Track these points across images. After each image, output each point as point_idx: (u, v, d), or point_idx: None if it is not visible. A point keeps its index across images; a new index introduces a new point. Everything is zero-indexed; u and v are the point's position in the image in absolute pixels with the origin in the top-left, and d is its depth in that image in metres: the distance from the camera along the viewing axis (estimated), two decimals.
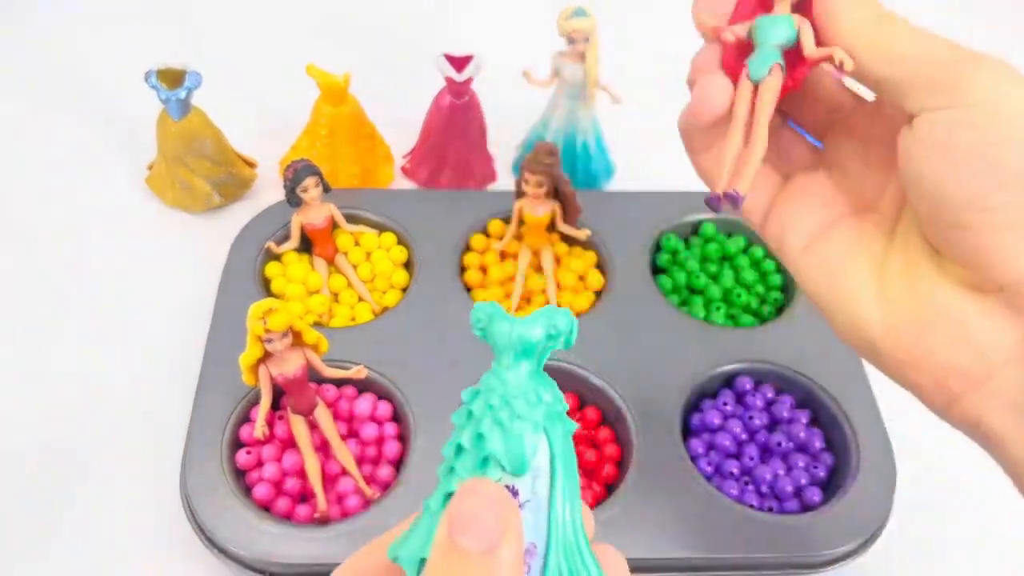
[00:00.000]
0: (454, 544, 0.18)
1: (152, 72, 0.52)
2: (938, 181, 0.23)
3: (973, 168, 0.23)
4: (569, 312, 0.20)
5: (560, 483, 0.20)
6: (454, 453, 0.20)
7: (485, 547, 0.17)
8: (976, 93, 0.23)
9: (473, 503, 0.18)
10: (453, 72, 0.54)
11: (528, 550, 0.19)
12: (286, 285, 0.51)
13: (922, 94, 0.24)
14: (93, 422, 0.47)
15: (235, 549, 0.39)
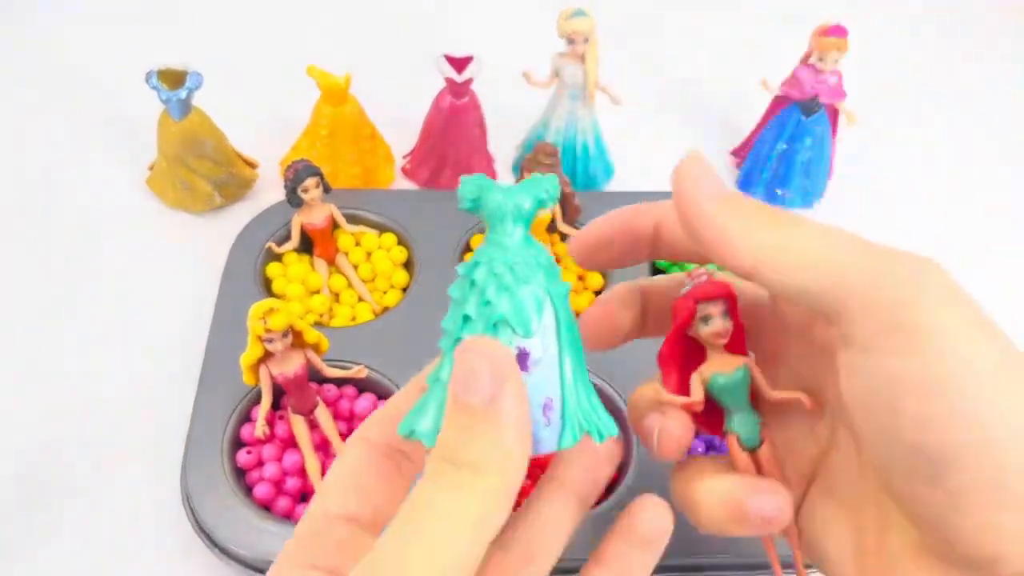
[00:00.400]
0: (458, 401, 0.18)
1: (153, 72, 0.52)
2: (880, 444, 0.19)
3: (923, 445, 0.18)
4: (553, 177, 0.21)
5: (565, 339, 0.21)
6: (460, 323, 0.20)
7: (487, 398, 0.18)
8: (916, 334, 0.18)
9: (470, 359, 0.18)
10: (453, 73, 0.54)
11: (547, 404, 0.20)
12: (287, 285, 0.51)
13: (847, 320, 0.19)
14: (94, 421, 0.47)
15: (235, 548, 0.39)
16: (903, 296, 0.18)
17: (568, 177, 0.51)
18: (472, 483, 0.18)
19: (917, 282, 0.18)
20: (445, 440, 0.18)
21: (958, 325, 0.18)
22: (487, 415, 0.18)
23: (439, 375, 0.21)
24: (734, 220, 0.20)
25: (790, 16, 0.80)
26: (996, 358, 0.18)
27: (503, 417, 0.18)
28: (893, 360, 0.18)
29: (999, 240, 0.62)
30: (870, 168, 0.66)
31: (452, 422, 0.18)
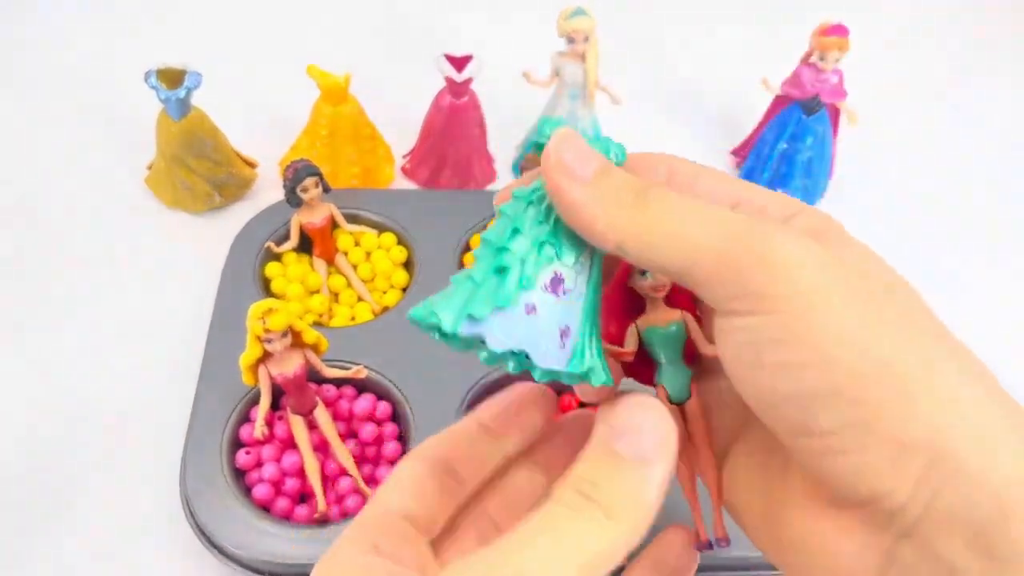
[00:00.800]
0: (612, 451, 0.19)
1: (152, 72, 0.52)
2: (756, 401, 0.20)
3: (786, 394, 0.19)
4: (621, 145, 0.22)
5: (592, 289, 0.21)
6: (508, 235, 0.21)
7: (644, 458, 0.19)
8: (773, 294, 0.18)
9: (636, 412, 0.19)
10: (453, 72, 0.54)
11: (565, 330, 0.21)
12: (286, 285, 0.51)
13: (712, 290, 0.19)
14: (93, 421, 0.47)
15: (234, 549, 0.39)
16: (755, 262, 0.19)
17: None
18: (602, 526, 0.18)
19: (767, 244, 0.19)
20: (584, 476, 0.19)
21: (810, 277, 0.18)
22: (639, 471, 0.19)
23: (471, 275, 0.21)
24: (598, 205, 0.20)
25: (790, 16, 0.80)
26: (852, 293, 0.18)
27: (653, 479, 0.19)
28: (755, 319, 0.19)
29: (999, 238, 0.61)
30: (871, 167, 0.66)
31: (598, 462, 0.19)
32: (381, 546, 0.21)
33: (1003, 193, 0.65)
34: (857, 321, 0.18)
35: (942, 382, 0.18)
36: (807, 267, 0.18)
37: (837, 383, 0.18)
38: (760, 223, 0.19)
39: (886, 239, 0.20)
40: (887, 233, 0.56)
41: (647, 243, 0.20)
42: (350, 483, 0.43)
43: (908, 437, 0.18)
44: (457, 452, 0.23)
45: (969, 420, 0.18)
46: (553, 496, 0.19)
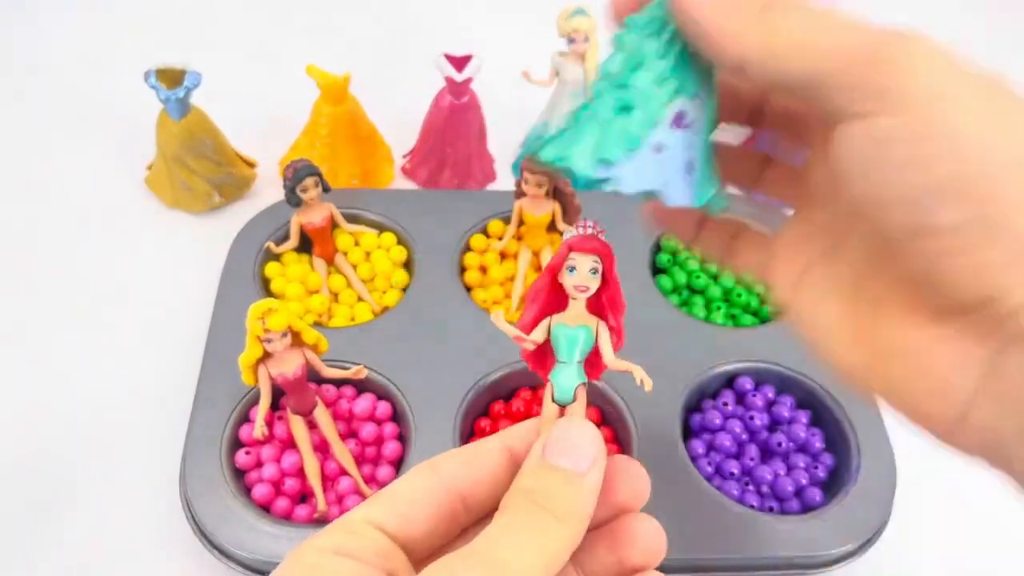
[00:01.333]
0: (553, 465, 0.21)
1: (151, 72, 0.52)
2: (876, 204, 0.20)
3: (912, 189, 0.19)
4: None
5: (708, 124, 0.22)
6: (629, 68, 0.21)
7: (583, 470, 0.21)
8: (904, 93, 0.19)
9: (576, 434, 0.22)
10: (453, 72, 0.54)
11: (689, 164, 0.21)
12: (286, 285, 0.51)
13: (839, 95, 0.20)
14: (92, 421, 0.47)
15: (234, 549, 0.39)
16: (886, 64, 0.19)
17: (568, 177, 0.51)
18: (555, 528, 0.20)
19: (899, 50, 0.19)
20: (532, 486, 0.21)
21: (942, 78, 0.19)
22: (576, 481, 0.21)
23: (595, 112, 0.21)
24: (724, 17, 0.20)
25: None
26: (983, 98, 0.19)
27: (588, 488, 0.21)
28: (883, 119, 0.19)
29: None
30: None
31: (542, 475, 0.21)
32: (344, 550, 0.20)
33: None
34: (989, 121, 0.18)
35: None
36: (938, 69, 0.19)
37: (967, 177, 0.18)
38: (890, 30, 0.19)
39: None
40: None
41: (772, 53, 0.20)
42: (350, 483, 0.43)
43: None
44: (474, 479, 0.23)
45: None
46: (509, 506, 0.21)
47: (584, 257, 0.24)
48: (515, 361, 0.47)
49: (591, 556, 0.23)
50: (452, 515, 0.22)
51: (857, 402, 0.46)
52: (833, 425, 0.46)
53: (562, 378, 0.24)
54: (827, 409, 0.46)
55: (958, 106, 0.18)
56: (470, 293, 0.52)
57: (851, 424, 0.45)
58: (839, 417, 0.45)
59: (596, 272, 0.24)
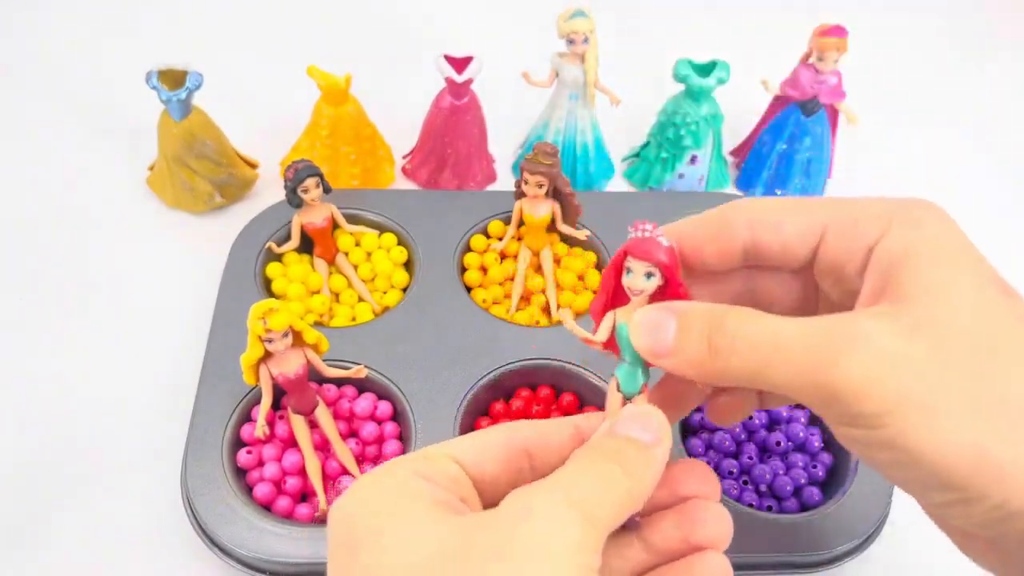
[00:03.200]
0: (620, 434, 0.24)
1: (153, 73, 0.52)
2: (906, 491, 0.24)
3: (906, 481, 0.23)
4: None
5: None
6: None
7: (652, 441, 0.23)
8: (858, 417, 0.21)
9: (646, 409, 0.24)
10: (453, 73, 0.54)
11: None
12: (287, 285, 0.51)
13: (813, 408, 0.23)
14: (94, 421, 0.47)
15: (236, 548, 0.39)
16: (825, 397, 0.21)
17: (568, 177, 0.51)
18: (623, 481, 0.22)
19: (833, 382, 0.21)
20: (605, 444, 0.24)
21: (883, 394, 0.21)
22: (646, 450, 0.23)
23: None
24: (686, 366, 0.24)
25: (791, 15, 0.80)
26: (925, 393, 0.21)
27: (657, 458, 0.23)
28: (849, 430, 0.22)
29: (999, 239, 0.61)
30: (869, 168, 0.66)
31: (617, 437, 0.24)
32: (425, 474, 0.23)
33: (1002, 193, 0.65)
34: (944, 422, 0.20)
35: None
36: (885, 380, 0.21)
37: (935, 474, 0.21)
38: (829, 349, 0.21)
39: None
40: None
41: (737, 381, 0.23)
42: (351, 482, 0.43)
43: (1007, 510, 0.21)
44: (544, 443, 0.25)
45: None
46: (583, 454, 0.23)
47: (639, 263, 0.24)
48: (515, 361, 0.47)
49: (657, 530, 0.25)
50: (518, 469, 0.25)
51: None
52: None
53: (626, 374, 0.25)
54: None
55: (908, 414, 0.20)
56: (470, 293, 0.52)
57: None
58: None
59: (651, 276, 0.24)
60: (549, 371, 0.47)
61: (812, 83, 0.56)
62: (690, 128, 0.58)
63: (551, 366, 0.47)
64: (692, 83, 0.56)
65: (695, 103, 0.57)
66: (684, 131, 0.58)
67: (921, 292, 0.21)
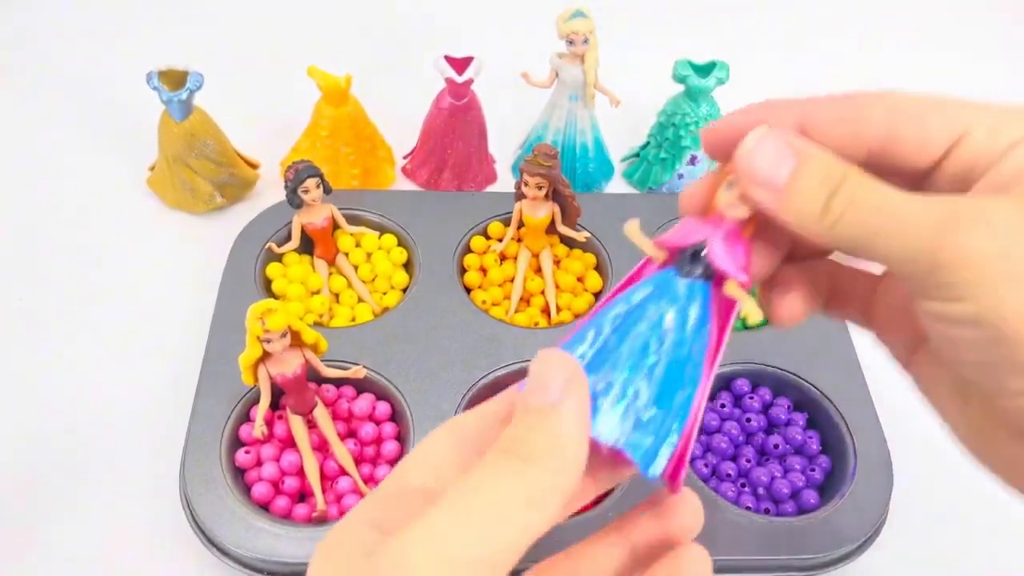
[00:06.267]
0: (526, 404, 0.20)
1: (154, 73, 0.52)
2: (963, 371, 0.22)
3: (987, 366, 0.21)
4: None
5: None
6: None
7: (552, 402, 0.20)
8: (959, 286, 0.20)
9: (543, 368, 0.20)
10: (453, 73, 0.54)
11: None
12: (287, 285, 0.51)
13: (909, 283, 0.21)
14: (93, 420, 0.47)
15: (234, 548, 0.39)
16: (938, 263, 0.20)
17: (568, 178, 0.51)
18: (522, 472, 0.19)
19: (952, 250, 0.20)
20: (506, 435, 0.20)
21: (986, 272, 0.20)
22: (549, 415, 0.20)
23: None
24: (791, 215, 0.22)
25: (791, 15, 0.80)
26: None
27: (563, 418, 0.20)
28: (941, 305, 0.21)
29: None
30: None
31: (518, 422, 0.20)
32: (386, 523, 0.21)
33: None
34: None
35: None
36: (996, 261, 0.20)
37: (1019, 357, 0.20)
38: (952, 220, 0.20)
39: None
40: None
41: (841, 245, 0.21)
42: (349, 483, 0.43)
43: None
44: (491, 433, 0.23)
45: None
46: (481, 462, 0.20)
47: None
48: (514, 362, 0.47)
49: (637, 526, 0.24)
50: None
51: (854, 405, 0.46)
52: (830, 428, 0.46)
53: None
54: (824, 411, 0.46)
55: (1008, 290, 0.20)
56: (470, 294, 0.52)
57: (848, 427, 0.45)
58: (836, 420, 0.46)
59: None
60: None
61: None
62: (689, 128, 0.58)
63: None
64: (691, 83, 0.56)
65: (694, 103, 0.57)
66: (683, 131, 0.58)
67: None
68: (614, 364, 0.22)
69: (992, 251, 0.20)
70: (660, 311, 0.23)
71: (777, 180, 0.21)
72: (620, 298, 0.23)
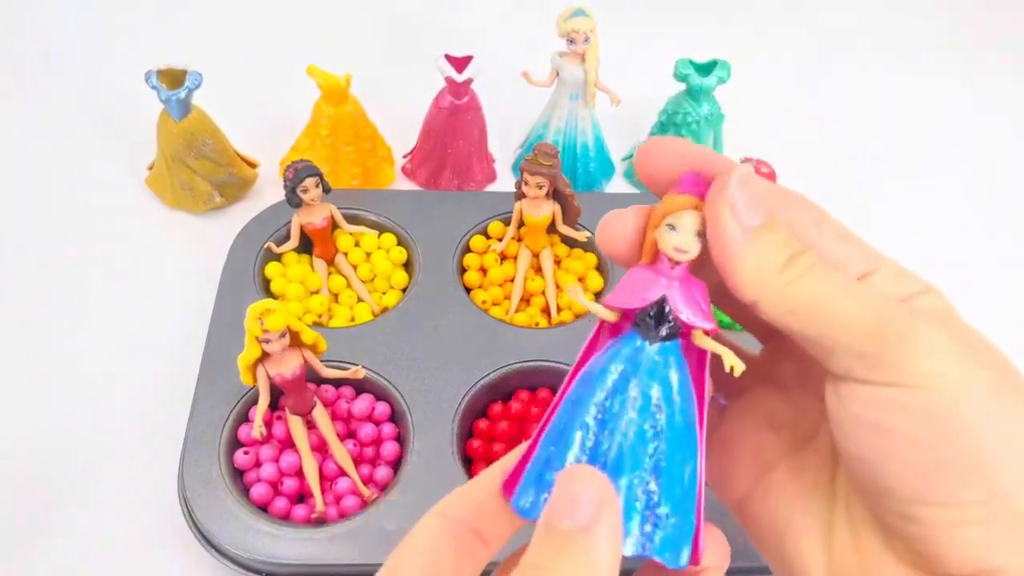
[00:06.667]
0: (551, 526, 0.19)
1: (152, 72, 0.52)
2: (878, 469, 0.20)
3: (918, 462, 0.19)
4: None
5: None
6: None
7: (582, 526, 0.18)
8: (912, 373, 0.19)
9: (574, 486, 0.19)
10: (453, 72, 0.54)
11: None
12: (286, 285, 0.51)
13: (846, 359, 0.20)
14: (91, 420, 0.47)
15: (232, 549, 0.39)
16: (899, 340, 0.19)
17: (568, 178, 0.50)
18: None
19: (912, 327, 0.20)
20: (533, 561, 0.19)
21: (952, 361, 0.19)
22: (578, 539, 0.18)
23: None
24: (750, 258, 0.21)
25: (791, 14, 0.80)
26: (990, 385, 0.19)
27: (597, 544, 0.18)
28: (886, 389, 0.20)
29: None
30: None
31: (542, 546, 0.19)
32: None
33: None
34: (992, 407, 0.19)
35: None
36: (953, 354, 0.19)
37: (974, 459, 0.19)
38: (907, 308, 0.20)
39: None
40: None
41: (790, 306, 0.20)
42: (348, 484, 0.43)
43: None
44: (483, 510, 0.22)
45: None
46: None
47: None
48: (514, 362, 0.47)
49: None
50: (471, 552, 0.22)
51: None
52: None
53: None
54: None
55: (965, 389, 0.19)
56: (470, 294, 0.52)
57: None
58: None
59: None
60: (548, 373, 0.47)
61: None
62: (691, 128, 0.57)
63: (550, 368, 0.47)
64: (693, 82, 0.56)
65: (696, 102, 0.57)
66: (685, 131, 0.58)
67: None
68: (617, 466, 0.21)
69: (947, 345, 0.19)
70: (642, 388, 0.21)
71: (749, 220, 0.21)
72: (590, 381, 0.21)
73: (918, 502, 0.19)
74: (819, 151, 0.66)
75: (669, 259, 0.21)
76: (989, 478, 0.19)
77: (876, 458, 0.20)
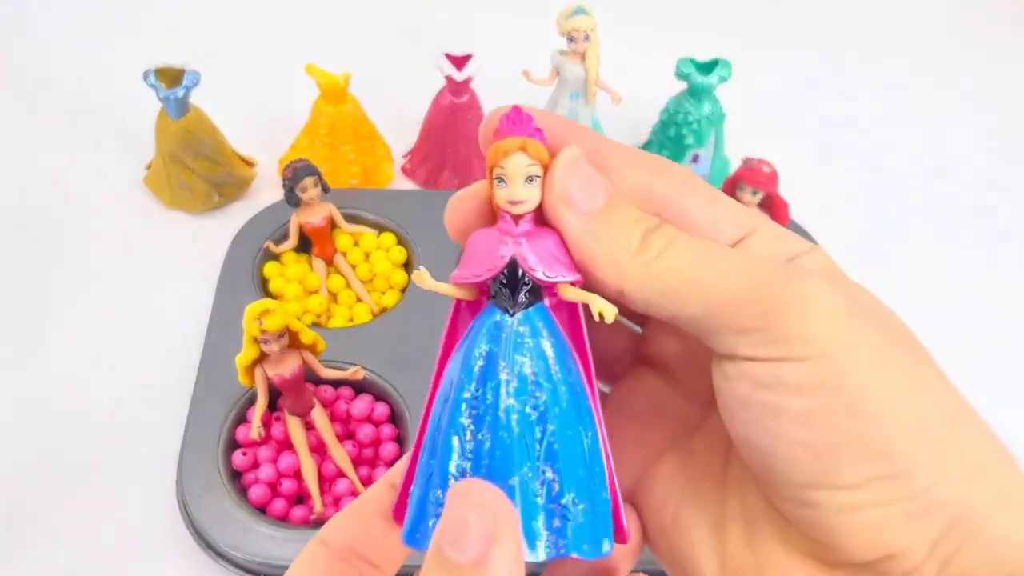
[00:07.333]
0: (441, 554, 0.16)
1: (150, 71, 0.52)
2: (769, 452, 0.18)
3: (811, 443, 0.17)
4: None
5: None
6: None
7: (474, 557, 0.16)
8: (797, 343, 0.17)
9: (462, 508, 0.16)
10: (453, 71, 0.54)
11: None
12: (284, 285, 0.51)
13: (728, 336, 0.18)
14: (90, 421, 0.47)
15: (230, 550, 0.39)
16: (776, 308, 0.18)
17: None
18: None
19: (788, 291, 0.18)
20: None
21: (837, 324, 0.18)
22: (474, 570, 0.16)
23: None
24: (601, 245, 0.19)
25: (791, 14, 0.79)
26: (879, 347, 0.18)
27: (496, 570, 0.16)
28: (772, 365, 0.18)
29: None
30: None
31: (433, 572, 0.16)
32: None
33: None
34: (888, 375, 0.18)
35: (969, 445, 0.18)
36: (841, 316, 0.18)
37: (870, 435, 0.17)
38: (785, 268, 0.18)
39: None
40: None
41: (656, 289, 0.18)
42: (347, 485, 0.42)
43: (934, 497, 0.17)
44: (368, 534, 0.20)
45: (994, 485, 0.17)
46: None
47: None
48: None
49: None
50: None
51: None
52: None
53: None
54: None
55: (860, 357, 0.17)
56: None
57: None
58: None
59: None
60: None
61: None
62: (692, 127, 0.57)
63: None
64: (694, 81, 0.55)
65: (697, 102, 0.57)
66: (686, 130, 0.57)
67: None
68: (505, 465, 0.18)
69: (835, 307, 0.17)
70: (513, 368, 0.18)
71: (593, 201, 0.19)
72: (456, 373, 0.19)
73: (813, 486, 0.18)
74: (820, 150, 0.65)
75: (509, 215, 0.19)
76: (887, 455, 0.17)
77: (766, 441, 0.18)
